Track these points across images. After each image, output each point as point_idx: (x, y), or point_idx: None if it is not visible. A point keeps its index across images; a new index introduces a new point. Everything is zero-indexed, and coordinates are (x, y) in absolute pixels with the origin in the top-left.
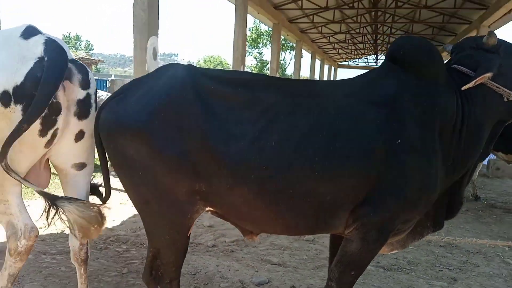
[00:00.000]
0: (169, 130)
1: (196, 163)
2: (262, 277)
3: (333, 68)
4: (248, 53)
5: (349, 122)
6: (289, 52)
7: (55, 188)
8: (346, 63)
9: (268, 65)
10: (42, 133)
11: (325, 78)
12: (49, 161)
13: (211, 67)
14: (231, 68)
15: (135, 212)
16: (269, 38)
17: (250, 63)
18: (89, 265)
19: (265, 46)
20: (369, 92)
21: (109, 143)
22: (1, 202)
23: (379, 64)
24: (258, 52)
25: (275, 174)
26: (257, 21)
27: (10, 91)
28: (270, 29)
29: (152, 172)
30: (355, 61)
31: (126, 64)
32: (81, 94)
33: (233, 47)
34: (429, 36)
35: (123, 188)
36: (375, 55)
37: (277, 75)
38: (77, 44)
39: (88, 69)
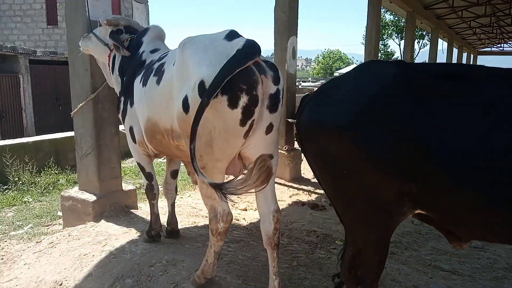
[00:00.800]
0: (378, 130)
1: (409, 164)
2: (441, 285)
3: (472, 56)
4: None
5: None
6: (418, 42)
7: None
8: (488, 49)
9: (393, 57)
10: (243, 122)
11: None
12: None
13: (331, 62)
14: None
15: (283, 206)
16: (394, 29)
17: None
18: (261, 255)
19: (390, 37)
20: None
21: (311, 143)
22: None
23: None
24: (382, 44)
25: (510, 177)
26: (381, 11)
27: None
28: (396, 18)
29: (357, 172)
30: (500, 47)
31: None
32: (273, 89)
33: (365, 40)
34: None
35: None
36: None
37: None
38: None
39: (277, 67)
